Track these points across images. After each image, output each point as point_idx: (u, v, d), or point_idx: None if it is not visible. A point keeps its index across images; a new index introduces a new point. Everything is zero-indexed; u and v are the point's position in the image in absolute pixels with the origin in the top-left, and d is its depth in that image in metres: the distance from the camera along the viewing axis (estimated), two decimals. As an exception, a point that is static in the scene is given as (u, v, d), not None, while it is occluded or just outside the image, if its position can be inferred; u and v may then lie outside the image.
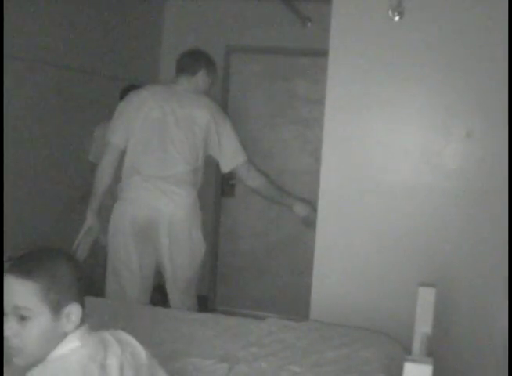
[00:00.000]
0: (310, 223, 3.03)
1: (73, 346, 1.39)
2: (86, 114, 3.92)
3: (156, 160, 2.98)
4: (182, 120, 2.99)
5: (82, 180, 3.92)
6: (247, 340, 2.24)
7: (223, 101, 4.73)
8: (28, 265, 1.37)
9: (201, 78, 3.10)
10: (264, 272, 4.77)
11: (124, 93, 3.74)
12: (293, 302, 4.41)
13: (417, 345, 2.06)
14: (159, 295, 4.63)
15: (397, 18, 2.61)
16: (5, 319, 1.35)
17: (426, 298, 2.13)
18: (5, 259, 3.10)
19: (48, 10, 3.46)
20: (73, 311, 1.40)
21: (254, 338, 2.25)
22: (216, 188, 4.80)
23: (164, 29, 4.78)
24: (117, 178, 3.09)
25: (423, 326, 2.10)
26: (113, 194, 3.16)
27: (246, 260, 4.78)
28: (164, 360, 2.01)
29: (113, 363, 1.41)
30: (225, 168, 3.13)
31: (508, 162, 2.57)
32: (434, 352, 2.00)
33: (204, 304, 4.17)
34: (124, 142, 2.99)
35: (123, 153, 3.02)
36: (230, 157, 3.08)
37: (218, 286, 4.90)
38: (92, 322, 2.32)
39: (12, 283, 1.35)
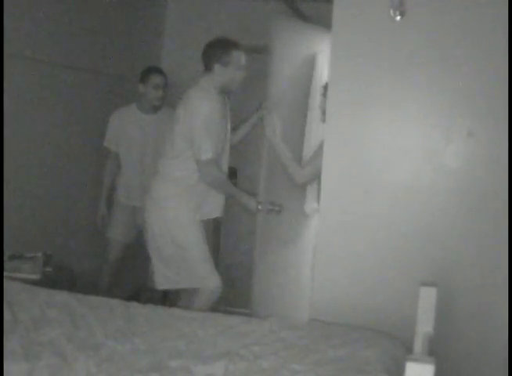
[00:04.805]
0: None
1: None
2: (86, 113, 3.91)
3: None
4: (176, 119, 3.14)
5: (83, 180, 3.93)
6: (249, 339, 2.24)
7: (223, 101, 4.73)
8: None
9: (218, 73, 3.10)
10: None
11: (145, 74, 3.85)
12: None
13: (419, 345, 2.06)
14: (159, 295, 4.63)
15: (398, 18, 2.60)
16: None
17: (427, 297, 2.13)
18: (5, 259, 3.10)
19: (48, 9, 3.46)
20: None
21: (256, 337, 2.25)
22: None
23: (165, 28, 4.79)
24: None
25: (425, 325, 2.10)
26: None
27: (246, 260, 4.77)
28: (164, 359, 2.02)
29: None
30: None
31: (508, 162, 2.57)
32: (435, 351, 2.00)
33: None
34: None
35: None
36: (195, 151, 3.09)
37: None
38: (92, 321, 2.33)
39: None
